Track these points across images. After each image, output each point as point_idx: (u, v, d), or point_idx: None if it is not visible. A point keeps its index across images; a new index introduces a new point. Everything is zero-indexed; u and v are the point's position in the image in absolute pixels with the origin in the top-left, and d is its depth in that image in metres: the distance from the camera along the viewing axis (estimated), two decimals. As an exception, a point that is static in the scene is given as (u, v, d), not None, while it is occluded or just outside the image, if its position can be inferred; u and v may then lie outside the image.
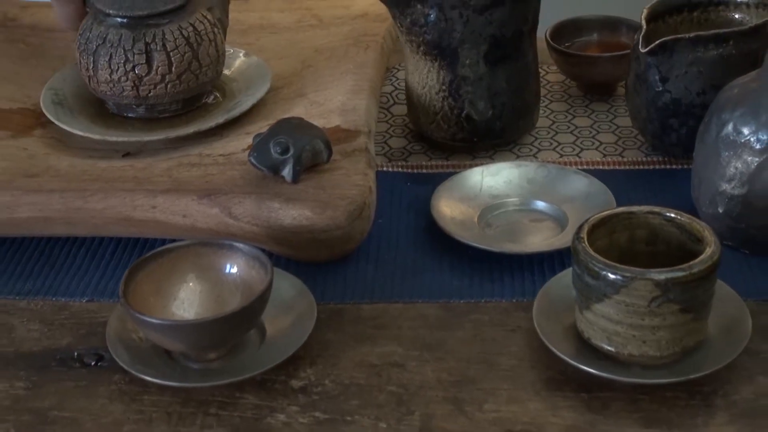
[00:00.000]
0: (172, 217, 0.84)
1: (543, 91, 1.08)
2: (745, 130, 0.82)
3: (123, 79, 0.93)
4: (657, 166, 0.97)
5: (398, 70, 1.12)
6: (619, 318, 0.72)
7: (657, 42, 0.90)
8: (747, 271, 0.84)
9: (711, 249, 0.73)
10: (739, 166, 0.82)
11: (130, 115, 0.96)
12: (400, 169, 0.98)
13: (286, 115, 0.95)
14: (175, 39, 0.93)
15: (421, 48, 0.96)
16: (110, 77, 0.93)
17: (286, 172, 0.85)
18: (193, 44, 0.93)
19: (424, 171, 0.98)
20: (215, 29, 0.96)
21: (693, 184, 0.87)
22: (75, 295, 0.84)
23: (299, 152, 0.85)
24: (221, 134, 0.95)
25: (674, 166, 0.96)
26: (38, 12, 1.14)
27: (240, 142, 0.92)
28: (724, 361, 0.73)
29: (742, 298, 0.79)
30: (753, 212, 0.83)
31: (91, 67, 0.94)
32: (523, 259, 0.86)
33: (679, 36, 0.90)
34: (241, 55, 1.04)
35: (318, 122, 0.92)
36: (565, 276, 0.79)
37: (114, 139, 0.93)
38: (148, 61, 0.92)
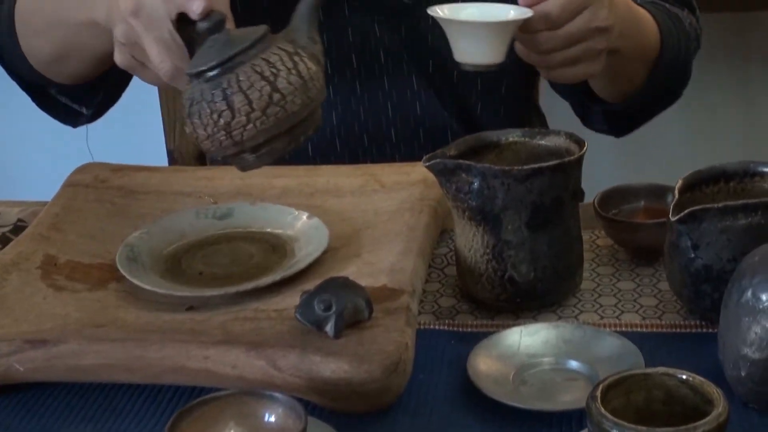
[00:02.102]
0: (223, 367, 0.91)
1: (591, 255, 1.13)
2: (763, 297, 0.85)
3: (215, 131, 0.94)
4: (692, 330, 1.00)
5: (453, 233, 1.18)
6: (629, 475, 0.76)
7: (686, 211, 0.95)
8: (769, 434, 0.87)
9: (717, 411, 0.76)
10: (759, 331, 0.85)
11: (245, 166, 0.97)
12: (446, 327, 1.03)
13: (341, 274, 1.02)
14: (249, 77, 0.93)
15: (467, 213, 1.02)
16: (206, 133, 0.94)
17: (329, 327, 0.91)
18: (269, 77, 0.93)
19: (469, 330, 1.03)
20: (295, 57, 0.95)
21: (719, 348, 0.91)
22: (132, 438, 0.91)
23: (341, 309, 0.91)
24: (278, 291, 1.02)
25: (709, 330, 0.99)
26: (126, 175, 1.24)
27: (294, 299, 0.98)
28: None
29: (763, 460, 0.81)
30: (773, 376, 0.86)
31: (192, 132, 0.96)
32: (553, 416, 0.90)
33: (707, 206, 0.95)
34: (304, 217, 1.12)
35: (367, 281, 0.99)
36: (586, 433, 0.82)
37: (179, 293, 1.01)
38: (229, 106, 0.93)
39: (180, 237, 1.12)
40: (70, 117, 1.36)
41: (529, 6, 1.08)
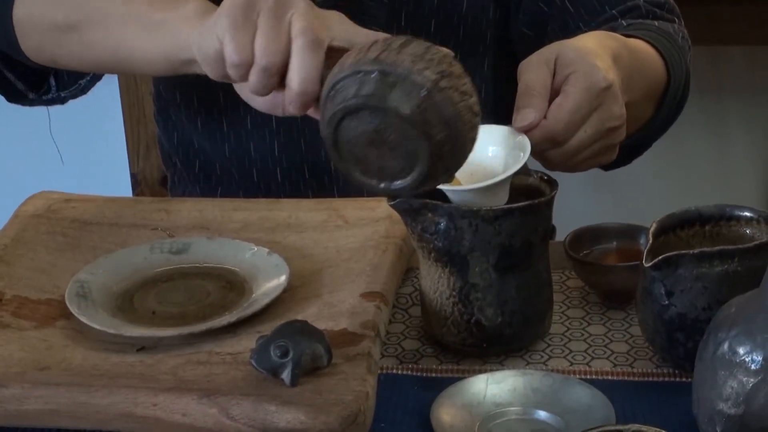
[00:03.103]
0: (173, 415, 0.86)
1: (561, 297, 1.09)
2: (741, 350, 0.82)
3: (442, 70, 0.87)
4: (665, 379, 0.97)
5: (419, 270, 1.14)
6: None
7: (661, 257, 0.91)
8: (745, 494, 0.82)
9: (693, 473, 0.72)
10: (735, 386, 0.82)
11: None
12: (409, 372, 0.99)
13: (299, 315, 0.97)
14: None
15: (432, 254, 0.98)
16: (426, 67, 0.86)
17: (285, 375, 0.86)
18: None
19: (433, 375, 0.99)
20: None
21: (693, 401, 0.87)
22: (74, 489, 0.86)
23: (299, 356, 0.86)
24: (234, 331, 0.97)
25: (683, 379, 0.96)
26: (80, 205, 1.19)
27: (250, 341, 0.94)
28: None
29: None
30: (750, 433, 0.82)
31: (392, 56, 0.87)
32: (518, 471, 0.86)
33: (683, 252, 0.91)
34: (264, 253, 1.07)
35: (327, 324, 0.94)
36: (554, 492, 0.78)
37: (128, 333, 0.96)
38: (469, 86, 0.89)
39: (133, 272, 1.07)
40: (5, 89, 1.30)
41: (526, 131, 0.98)
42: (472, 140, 0.90)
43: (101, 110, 2.66)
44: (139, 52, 1.07)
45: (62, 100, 1.35)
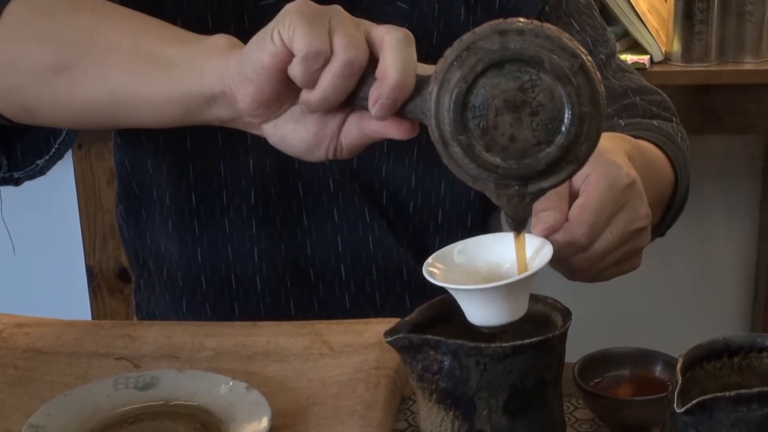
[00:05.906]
0: None
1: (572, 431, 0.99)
2: None
3: None
4: None
5: (413, 402, 1.04)
6: None
7: (695, 402, 0.81)
8: None
9: None
10: None
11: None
12: None
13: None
14: None
15: (434, 396, 0.87)
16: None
17: None
18: None
19: None
20: None
21: None
22: None
23: None
24: (211, 487, 0.86)
25: None
26: (34, 331, 1.08)
27: (230, 500, 0.83)
28: None
29: None
30: None
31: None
32: None
33: (718, 395, 0.82)
34: (241, 389, 0.96)
35: (318, 479, 0.84)
36: None
37: (91, 495, 0.85)
38: None
39: (95, 413, 0.96)
40: None
41: (547, 235, 0.90)
42: (601, 134, 0.82)
43: (55, 200, 2.56)
44: (148, 92, 0.94)
45: (16, 182, 1.23)
